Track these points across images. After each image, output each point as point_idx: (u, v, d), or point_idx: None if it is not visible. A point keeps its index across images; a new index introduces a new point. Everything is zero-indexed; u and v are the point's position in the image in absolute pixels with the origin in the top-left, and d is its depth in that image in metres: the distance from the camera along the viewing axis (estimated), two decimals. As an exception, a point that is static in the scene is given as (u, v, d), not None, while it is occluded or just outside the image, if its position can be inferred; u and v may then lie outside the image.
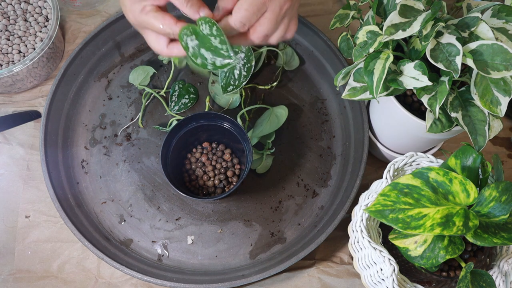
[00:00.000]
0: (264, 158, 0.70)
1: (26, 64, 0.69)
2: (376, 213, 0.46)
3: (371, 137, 0.70)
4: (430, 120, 0.52)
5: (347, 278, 0.66)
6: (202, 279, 0.64)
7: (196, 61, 0.47)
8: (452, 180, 0.46)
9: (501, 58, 0.46)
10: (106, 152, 0.73)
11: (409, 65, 0.50)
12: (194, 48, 0.47)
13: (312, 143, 0.74)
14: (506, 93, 0.48)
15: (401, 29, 0.48)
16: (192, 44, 0.47)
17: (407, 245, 0.48)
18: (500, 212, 0.46)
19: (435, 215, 0.44)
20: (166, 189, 0.71)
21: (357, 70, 0.56)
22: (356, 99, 0.56)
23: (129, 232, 0.68)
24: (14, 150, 0.72)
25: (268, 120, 0.70)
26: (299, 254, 0.62)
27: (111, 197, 0.70)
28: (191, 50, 0.47)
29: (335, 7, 0.83)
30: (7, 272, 0.66)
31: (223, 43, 0.46)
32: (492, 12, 0.51)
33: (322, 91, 0.77)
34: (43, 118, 0.69)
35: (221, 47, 0.46)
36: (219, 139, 0.71)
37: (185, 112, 0.75)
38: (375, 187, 0.59)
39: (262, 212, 0.70)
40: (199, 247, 0.68)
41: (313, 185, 0.71)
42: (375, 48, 0.50)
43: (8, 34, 0.73)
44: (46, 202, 0.69)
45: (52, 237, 0.68)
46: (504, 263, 0.52)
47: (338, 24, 0.64)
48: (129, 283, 0.66)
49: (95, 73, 0.77)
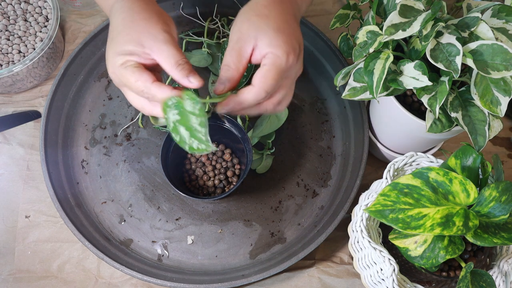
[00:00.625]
0: (264, 158, 0.70)
1: (26, 64, 0.69)
2: (376, 213, 0.46)
3: (371, 137, 0.70)
4: (430, 120, 0.52)
5: (347, 278, 0.66)
6: (202, 279, 0.64)
7: (176, 138, 0.44)
8: (452, 180, 0.46)
9: (501, 58, 0.46)
10: (106, 152, 0.73)
11: (409, 65, 0.50)
12: (175, 124, 0.43)
13: (312, 143, 0.74)
14: (506, 93, 0.48)
15: (401, 29, 0.48)
16: (173, 119, 0.43)
17: (407, 245, 0.48)
18: (500, 212, 0.46)
19: (435, 215, 0.44)
20: (166, 189, 0.71)
21: (357, 70, 0.56)
22: (356, 99, 0.56)
23: (129, 232, 0.68)
24: (14, 150, 0.72)
25: (268, 120, 0.70)
26: (299, 254, 0.62)
27: (111, 197, 0.70)
28: (171, 125, 0.43)
29: (335, 7, 0.83)
30: (7, 272, 0.66)
31: (202, 125, 0.42)
32: (492, 12, 0.51)
33: (322, 91, 0.77)
34: (43, 118, 0.69)
35: (200, 130, 0.42)
36: (219, 139, 0.71)
37: (185, 112, 0.75)
38: (375, 187, 0.59)
39: (262, 212, 0.70)
40: (199, 247, 0.68)
41: (313, 185, 0.71)
42: (375, 48, 0.50)
43: (8, 34, 0.73)
44: (46, 202, 0.69)
45: (52, 237, 0.68)
46: (504, 263, 0.52)
47: (338, 24, 0.64)
48: (129, 283, 0.66)
49: (95, 73, 0.77)
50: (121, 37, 0.46)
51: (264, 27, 0.47)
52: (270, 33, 0.47)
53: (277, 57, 0.46)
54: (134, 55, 0.45)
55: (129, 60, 0.45)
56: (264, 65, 0.46)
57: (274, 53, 0.46)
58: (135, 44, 0.45)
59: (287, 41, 0.47)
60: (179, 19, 0.79)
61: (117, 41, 0.46)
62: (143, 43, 0.45)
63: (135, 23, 0.46)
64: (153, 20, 0.46)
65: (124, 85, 0.47)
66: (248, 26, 0.48)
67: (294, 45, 0.48)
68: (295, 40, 0.48)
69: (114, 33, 0.47)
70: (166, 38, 0.45)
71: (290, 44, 0.47)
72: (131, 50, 0.45)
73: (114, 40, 0.47)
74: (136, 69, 0.45)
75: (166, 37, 0.45)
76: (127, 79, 0.45)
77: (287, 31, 0.48)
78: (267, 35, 0.47)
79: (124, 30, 0.46)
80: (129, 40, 0.46)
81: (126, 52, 0.45)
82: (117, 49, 0.46)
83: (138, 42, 0.45)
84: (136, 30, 0.46)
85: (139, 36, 0.45)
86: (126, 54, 0.45)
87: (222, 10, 0.79)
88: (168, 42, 0.45)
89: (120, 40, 0.46)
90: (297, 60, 0.48)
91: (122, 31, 0.46)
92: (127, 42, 0.46)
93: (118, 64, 0.46)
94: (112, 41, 0.47)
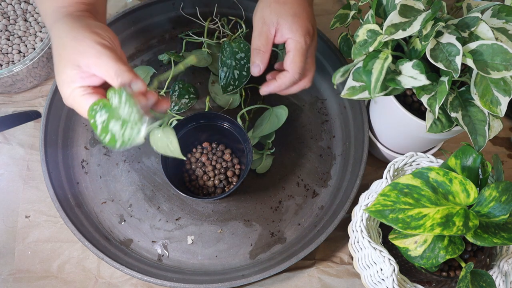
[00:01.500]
0: (264, 158, 0.70)
1: (26, 64, 0.69)
2: (376, 213, 0.46)
3: (371, 137, 0.70)
4: (430, 120, 0.52)
5: (347, 278, 0.66)
6: (202, 279, 0.64)
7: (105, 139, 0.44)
8: (452, 180, 0.46)
9: (501, 58, 0.46)
10: (106, 152, 0.73)
11: (407, 65, 0.50)
12: (103, 123, 0.44)
13: (312, 143, 0.74)
14: (506, 93, 0.48)
15: (401, 28, 0.48)
16: (100, 120, 0.44)
17: (407, 245, 0.48)
18: (500, 212, 0.46)
19: (435, 215, 0.44)
20: (166, 189, 0.71)
21: (356, 69, 0.56)
22: (355, 98, 0.56)
23: (129, 232, 0.68)
24: (14, 150, 0.72)
25: (268, 120, 0.70)
26: (299, 254, 0.62)
27: (111, 197, 0.70)
28: (99, 128, 0.44)
29: (335, 7, 0.83)
30: (7, 272, 0.66)
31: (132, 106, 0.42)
32: (492, 12, 0.51)
33: (322, 91, 0.77)
34: (43, 118, 0.69)
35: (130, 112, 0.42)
36: (219, 139, 0.71)
37: (185, 112, 0.75)
38: (375, 187, 0.59)
39: (262, 212, 0.70)
40: (199, 247, 0.68)
41: (313, 185, 0.71)
42: (375, 47, 0.50)
43: (8, 34, 0.73)
44: (46, 202, 0.69)
45: (52, 237, 0.68)
46: (504, 263, 0.52)
47: (338, 24, 0.64)
48: (129, 283, 0.66)
49: (95, 73, 0.76)
50: (59, 65, 0.47)
51: (283, 13, 0.56)
52: (289, 19, 0.56)
53: (297, 42, 0.55)
54: (76, 80, 0.46)
55: (74, 89, 0.46)
56: (289, 51, 0.56)
57: (294, 38, 0.55)
58: (72, 67, 0.46)
59: (303, 25, 0.56)
60: (179, 19, 0.79)
61: (57, 71, 0.47)
62: (78, 64, 0.46)
63: (66, 46, 0.46)
64: (82, 36, 0.46)
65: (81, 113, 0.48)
66: (270, 12, 0.56)
67: (309, 27, 0.57)
68: (309, 23, 0.57)
69: (55, 63, 0.48)
70: (99, 51, 0.45)
71: (305, 28, 0.56)
72: (71, 76, 0.46)
73: (56, 71, 0.48)
74: (83, 98, 0.46)
75: (99, 50, 0.45)
76: (79, 110, 0.47)
77: (303, 16, 0.56)
78: (287, 20, 0.56)
79: (59, 57, 0.47)
80: (65, 66, 0.46)
81: (68, 80, 0.46)
82: (59, 80, 0.47)
83: (74, 64, 0.46)
84: (69, 53, 0.46)
85: (74, 58, 0.46)
86: (69, 82, 0.46)
87: (222, 10, 0.79)
88: (103, 55, 0.45)
89: (60, 69, 0.47)
90: (311, 40, 0.58)
91: (58, 59, 0.47)
92: (65, 68, 0.46)
93: (67, 95, 0.47)
94: (55, 69, 0.48)
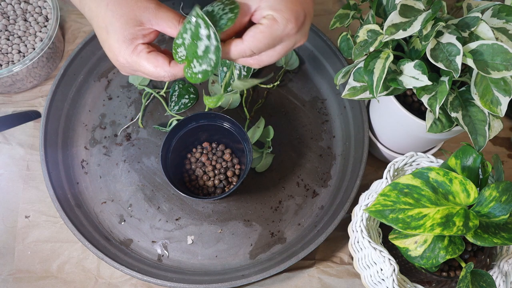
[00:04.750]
0: (264, 157, 0.70)
1: (26, 64, 0.69)
2: (376, 213, 0.46)
3: (371, 137, 0.70)
4: (430, 120, 0.52)
5: (347, 278, 0.66)
6: (202, 279, 0.64)
7: (188, 72, 0.44)
8: (452, 180, 0.46)
9: (501, 58, 0.46)
10: (106, 152, 0.73)
11: (409, 65, 0.50)
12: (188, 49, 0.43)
13: (312, 143, 0.74)
14: (506, 93, 0.48)
15: (402, 28, 0.48)
16: (187, 42, 0.43)
17: (407, 245, 0.48)
18: (500, 212, 0.46)
19: (435, 215, 0.44)
20: (166, 189, 0.71)
21: (357, 69, 0.56)
22: (356, 99, 0.56)
23: (129, 232, 0.68)
24: (14, 150, 0.72)
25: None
26: (299, 254, 0.62)
27: (111, 197, 0.70)
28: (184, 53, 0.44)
29: (335, 7, 0.83)
30: (7, 272, 0.66)
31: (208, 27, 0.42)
32: (492, 12, 0.51)
33: (322, 91, 0.77)
34: (43, 118, 0.69)
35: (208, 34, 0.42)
36: (219, 139, 0.71)
37: (185, 112, 0.75)
38: (375, 187, 0.59)
39: (262, 212, 0.69)
40: (199, 247, 0.68)
41: (313, 185, 0.71)
42: (375, 47, 0.50)
43: (8, 34, 0.73)
44: (46, 202, 0.69)
45: (52, 237, 0.68)
46: (504, 263, 0.52)
47: (338, 24, 0.64)
48: (129, 283, 0.65)
49: (95, 73, 0.77)
50: (117, 23, 0.45)
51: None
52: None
53: (275, 21, 0.44)
54: (138, 37, 0.45)
55: (138, 45, 0.45)
56: (260, 25, 0.44)
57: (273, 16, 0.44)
58: (134, 24, 0.44)
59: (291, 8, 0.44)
60: (179, 19, 0.79)
61: (114, 29, 0.45)
62: (140, 20, 0.44)
63: (122, 4, 0.45)
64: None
65: (138, 71, 0.46)
66: None
67: (299, 13, 0.45)
68: (301, 8, 0.45)
69: (107, 22, 0.45)
70: (156, 4, 0.45)
71: (294, 12, 0.44)
72: (133, 33, 0.45)
73: (111, 29, 0.45)
74: (150, 55, 0.45)
75: (156, 4, 0.45)
76: (144, 67, 0.45)
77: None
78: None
79: (116, 16, 0.45)
80: (126, 23, 0.44)
81: (130, 36, 0.45)
82: (119, 37, 0.45)
83: (136, 21, 0.44)
84: (127, 10, 0.45)
85: (134, 14, 0.44)
86: (131, 38, 0.45)
87: (222, 10, 0.79)
88: (161, 7, 0.45)
89: (118, 26, 0.44)
90: (297, 30, 0.46)
91: (114, 17, 0.45)
92: (125, 25, 0.44)
93: (129, 52, 0.45)
94: (109, 32, 0.45)
